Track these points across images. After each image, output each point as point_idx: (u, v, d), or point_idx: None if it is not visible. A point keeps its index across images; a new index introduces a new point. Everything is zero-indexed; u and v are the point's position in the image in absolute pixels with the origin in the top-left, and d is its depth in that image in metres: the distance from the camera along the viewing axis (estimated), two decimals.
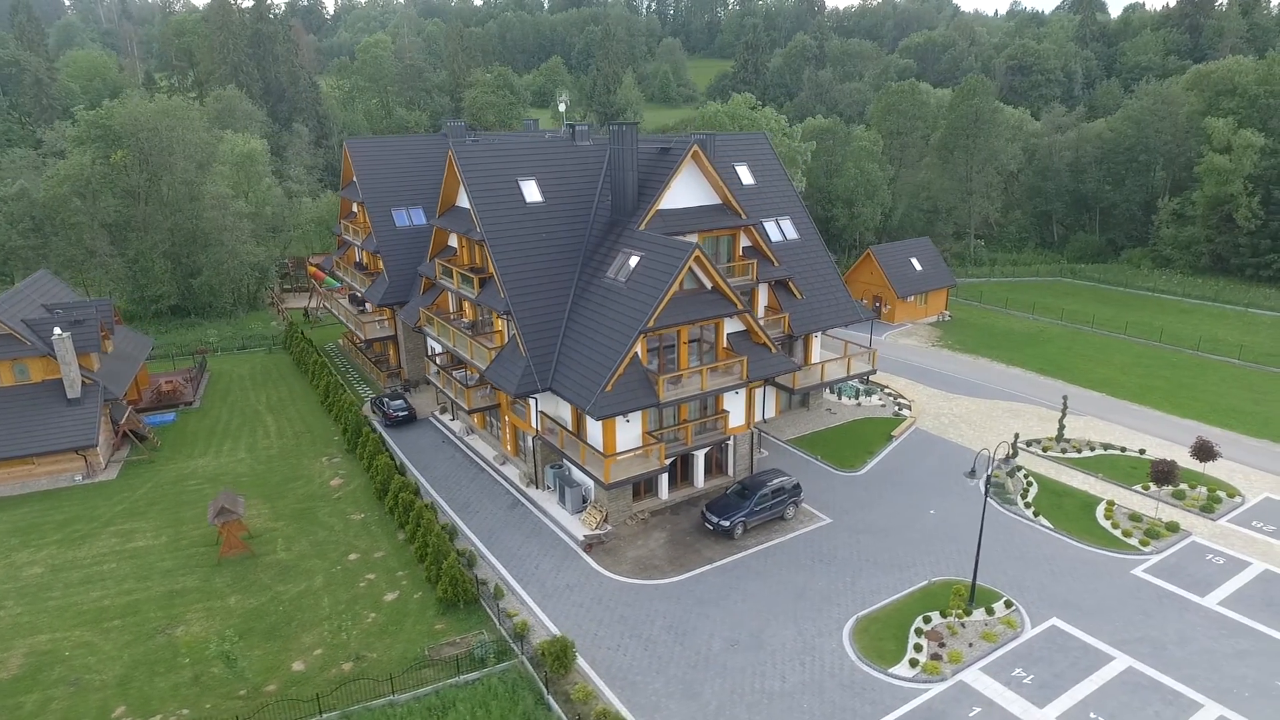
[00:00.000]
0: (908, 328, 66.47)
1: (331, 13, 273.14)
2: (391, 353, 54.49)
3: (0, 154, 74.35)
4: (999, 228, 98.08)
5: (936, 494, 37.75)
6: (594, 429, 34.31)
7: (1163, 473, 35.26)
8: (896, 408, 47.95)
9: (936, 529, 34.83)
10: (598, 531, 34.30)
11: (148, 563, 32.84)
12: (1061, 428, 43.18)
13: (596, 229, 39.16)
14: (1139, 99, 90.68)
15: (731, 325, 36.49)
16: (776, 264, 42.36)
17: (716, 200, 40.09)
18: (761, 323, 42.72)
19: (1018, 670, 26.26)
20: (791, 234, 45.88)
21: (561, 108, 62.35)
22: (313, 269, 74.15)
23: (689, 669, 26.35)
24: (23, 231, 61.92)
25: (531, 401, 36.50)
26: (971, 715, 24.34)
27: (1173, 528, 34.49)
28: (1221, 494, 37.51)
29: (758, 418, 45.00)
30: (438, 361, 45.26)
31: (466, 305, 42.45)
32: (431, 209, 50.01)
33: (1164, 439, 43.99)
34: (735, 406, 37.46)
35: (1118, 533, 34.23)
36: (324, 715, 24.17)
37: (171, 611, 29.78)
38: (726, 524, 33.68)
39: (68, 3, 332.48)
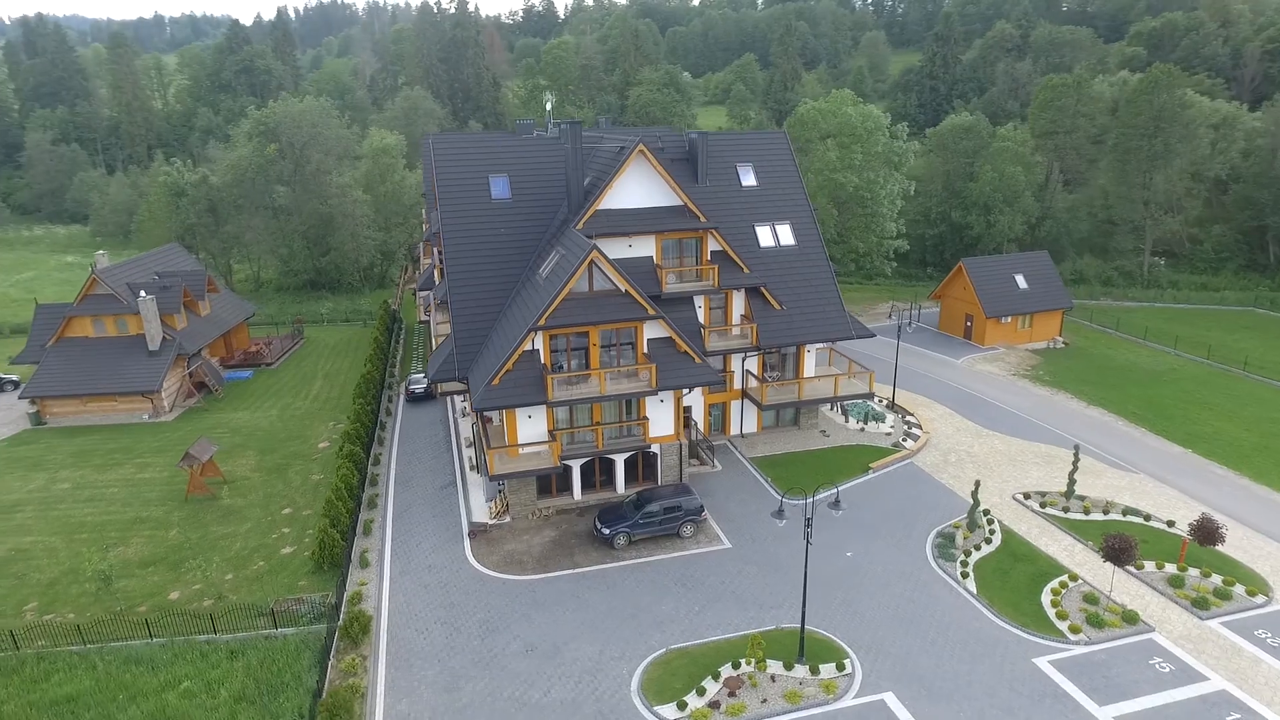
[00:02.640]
0: (998, 352, 58.98)
1: (562, 16, 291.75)
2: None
3: (203, 148, 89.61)
4: (1193, 244, 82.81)
5: (873, 537, 33.95)
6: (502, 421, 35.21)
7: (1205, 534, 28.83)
8: (902, 437, 43.30)
9: (839, 574, 31.48)
10: (489, 521, 35.24)
11: (138, 492, 39.13)
12: (1071, 482, 36.65)
13: (555, 227, 39.74)
14: None
15: (655, 331, 35.39)
16: (746, 270, 40.14)
17: (678, 201, 38.87)
18: (736, 331, 40.99)
19: None
20: (788, 240, 43.04)
21: (548, 106, 62.74)
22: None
23: (469, 664, 26.63)
24: (199, 212, 74.59)
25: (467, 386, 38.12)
26: None
27: (1130, 618, 28.28)
28: (1239, 589, 29.92)
29: (734, 431, 43.24)
30: None
31: None
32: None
33: (1227, 513, 35.67)
34: (660, 414, 36.36)
35: (1052, 612, 28.75)
36: (153, 639, 27.77)
37: (125, 534, 35.42)
38: (607, 533, 33.03)
39: (362, 8, 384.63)
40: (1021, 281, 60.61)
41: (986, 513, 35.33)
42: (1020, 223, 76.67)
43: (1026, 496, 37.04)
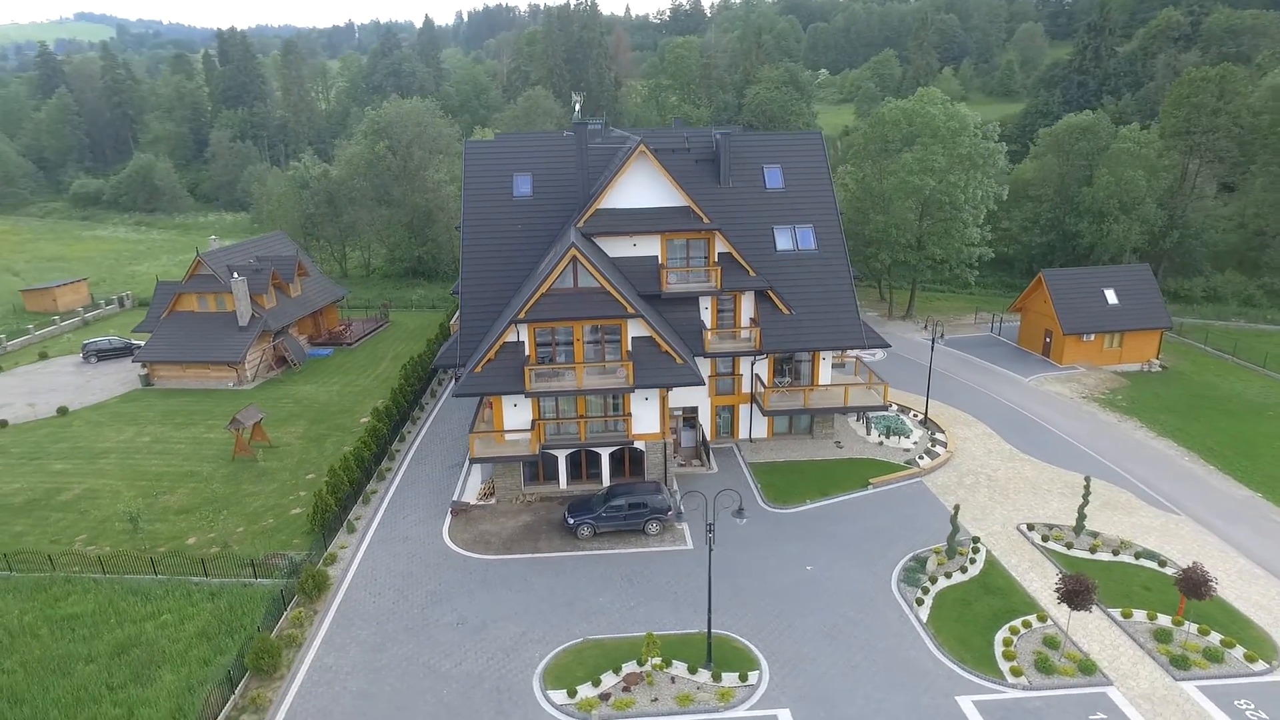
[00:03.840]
0: (1076, 372, 54.18)
1: (709, 14, 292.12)
2: None
3: (332, 145, 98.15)
4: None
5: (844, 553, 32.82)
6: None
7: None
8: (922, 454, 41.16)
9: (791, 587, 30.78)
10: (476, 501, 37.20)
11: (199, 450, 44.42)
12: (1081, 516, 33.66)
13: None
14: None
15: (640, 329, 35.89)
16: (753, 273, 39.62)
17: (683, 202, 39.03)
18: (741, 334, 40.73)
19: None
20: (808, 244, 41.99)
21: (576, 108, 62.50)
22: None
23: (401, 630, 28.59)
24: (318, 203, 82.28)
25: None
26: None
27: (1087, 668, 25.88)
28: (1238, 651, 26.51)
29: (743, 435, 42.95)
30: None
31: None
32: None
33: (1269, 568, 31.57)
34: (644, 412, 36.87)
35: (1000, 651, 26.80)
36: (156, 575, 31.87)
37: (175, 484, 40.45)
38: (572, 523, 34.07)
39: (524, 9, 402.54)
40: (1111, 297, 55.22)
41: (976, 540, 33.19)
42: (1138, 232, 69.40)
43: (1031, 528, 34.34)
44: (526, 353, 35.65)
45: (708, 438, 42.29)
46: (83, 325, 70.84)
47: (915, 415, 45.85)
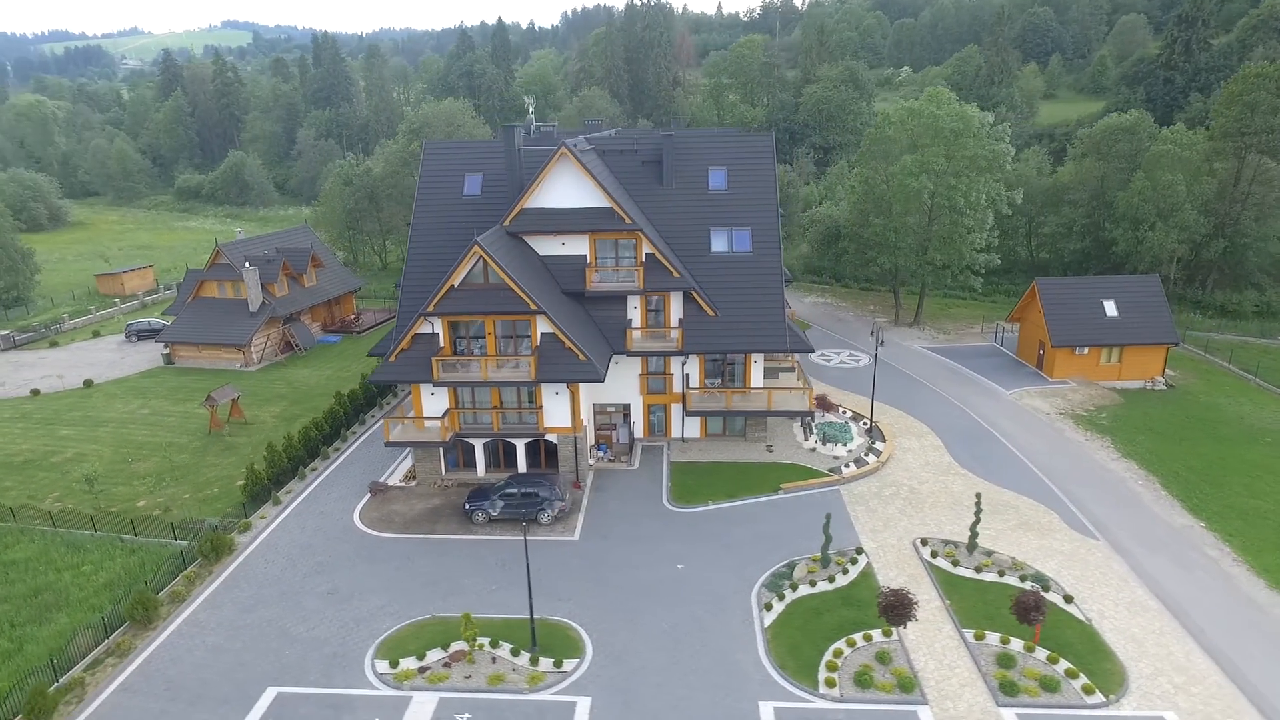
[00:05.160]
0: (1066, 387, 51.32)
1: (802, 9, 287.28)
2: None
3: (380, 144, 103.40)
4: None
5: (723, 556, 32.90)
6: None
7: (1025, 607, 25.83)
8: (851, 463, 40.39)
9: (654, 583, 31.22)
10: (396, 483, 39.33)
11: (185, 423, 48.62)
12: (973, 535, 32.44)
13: None
14: None
15: (547, 326, 37.00)
16: (676, 274, 39.94)
17: (607, 203, 39.76)
18: (664, 334, 41.21)
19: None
20: (743, 246, 41.89)
21: (530, 109, 62.31)
22: None
23: (277, 595, 30.87)
24: (359, 198, 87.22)
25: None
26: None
27: (906, 686, 25.34)
28: (1079, 683, 25.19)
29: (675, 434, 43.39)
30: None
31: None
32: None
33: (1172, 602, 29.67)
34: (555, 406, 37.98)
35: (825, 661, 26.48)
36: (96, 532, 35.55)
37: (152, 453, 44.59)
38: (467, 508, 35.63)
39: (621, 8, 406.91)
40: (1110, 309, 51.93)
41: (859, 551, 32.58)
42: (1177, 240, 64.54)
43: (924, 543, 33.33)
44: (441, 344, 37.44)
45: (637, 435, 42.94)
46: (140, 308, 78.11)
47: (862, 422, 44.87)
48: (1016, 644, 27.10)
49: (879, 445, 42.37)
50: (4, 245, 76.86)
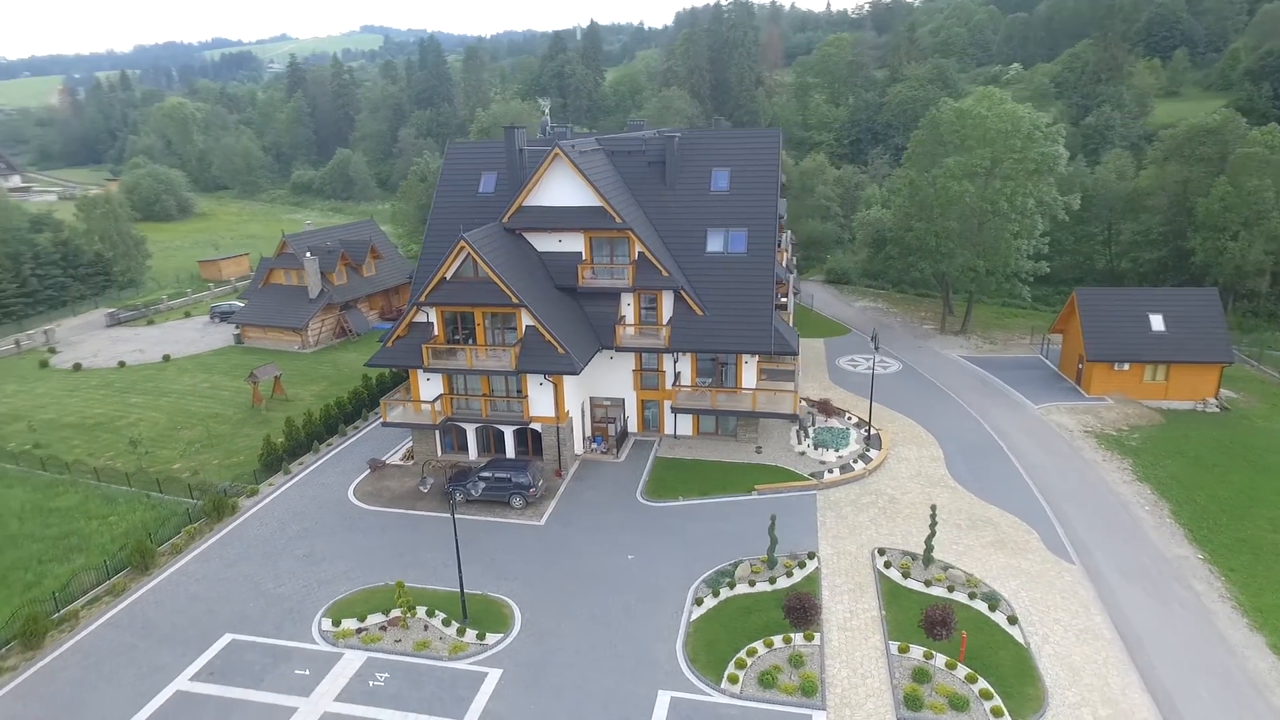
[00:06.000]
0: (1101, 404, 48.43)
1: (916, 4, 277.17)
2: None
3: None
4: None
5: (675, 551, 33.49)
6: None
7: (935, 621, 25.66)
8: (833, 468, 39.91)
9: (600, 572, 32.20)
10: (391, 461, 41.94)
11: (235, 397, 53.31)
12: (928, 548, 31.64)
13: None
14: None
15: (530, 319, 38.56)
16: (665, 273, 40.60)
17: (598, 202, 40.82)
18: (662, 333, 42.01)
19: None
20: (738, 248, 42.04)
21: (545, 110, 61.96)
22: None
23: (260, 554, 33.85)
24: (432, 195, 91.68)
25: None
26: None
27: (809, 689, 25.26)
28: (990, 705, 24.43)
29: (668, 431, 44.14)
30: None
31: None
32: None
33: (1137, 638, 28.18)
34: (540, 396, 39.54)
35: (735, 658, 26.71)
36: (130, 487, 39.93)
37: (200, 422, 49.27)
38: (449, 489, 37.63)
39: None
40: (1157, 323, 48.54)
41: (811, 555, 32.42)
42: (1263, 250, 59.19)
43: (881, 552, 32.75)
44: (435, 332, 39.70)
45: (629, 429, 43.91)
46: (231, 292, 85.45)
47: (871, 430, 44.03)
48: (940, 660, 26.45)
49: (871, 453, 41.57)
50: (121, 234, 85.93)
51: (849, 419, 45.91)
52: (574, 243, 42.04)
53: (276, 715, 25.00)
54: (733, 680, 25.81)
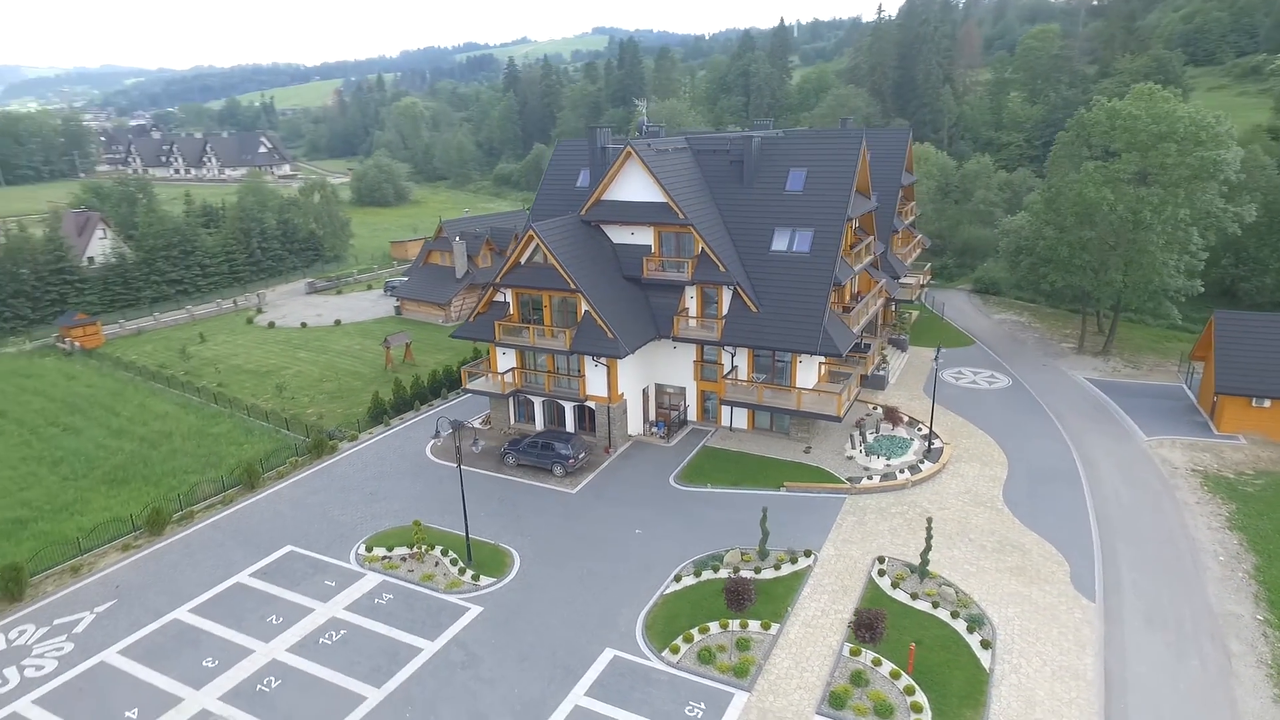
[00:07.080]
0: (1233, 443, 42.84)
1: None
2: None
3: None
4: None
5: (684, 532, 35.06)
6: None
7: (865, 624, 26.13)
8: (874, 476, 39.19)
9: (608, 540, 34.62)
10: (471, 424, 46.90)
11: (375, 359, 61.44)
12: (924, 562, 30.80)
13: None
14: None
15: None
16: (723, 269, 41.80)
17: (663, 199, 42.72)
18: (702, 324, 43.47)
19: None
20: (802, 247, 42.21)
21: (643, 112, 59.67)
22: None
23: (336, 491, 39.75)
24: None
25: None
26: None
27: (741, 671, 26.23)
28: (920, 717, 24.05)
29: (725, 423, 45.51)
30: None
31: None
32: None
33: (1106, 675, 26.23)
34: (595, 376, 42.54)
35: (685, 633, 28.08)
36: (267, 423, 48.24)
37: (338, 378, 57.61)
38: (502, 451, 41.81)
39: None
40: None
41: (808, 553, 32.70)
42: None
43: (881, 560, 32.23)
44: (510, 311, 43.96)
45: (688, 418, 45.63)
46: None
47: (932, 443, 42.44)
48: (887, 667, 26.14)
49: (924, 465, 40.19)
50: (330, 216, 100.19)
51: (919, 429, 44.37)
52: (644, 236, 44.43)
53: (298, 612, 30.23)
54: (674, 650, 27.30)
